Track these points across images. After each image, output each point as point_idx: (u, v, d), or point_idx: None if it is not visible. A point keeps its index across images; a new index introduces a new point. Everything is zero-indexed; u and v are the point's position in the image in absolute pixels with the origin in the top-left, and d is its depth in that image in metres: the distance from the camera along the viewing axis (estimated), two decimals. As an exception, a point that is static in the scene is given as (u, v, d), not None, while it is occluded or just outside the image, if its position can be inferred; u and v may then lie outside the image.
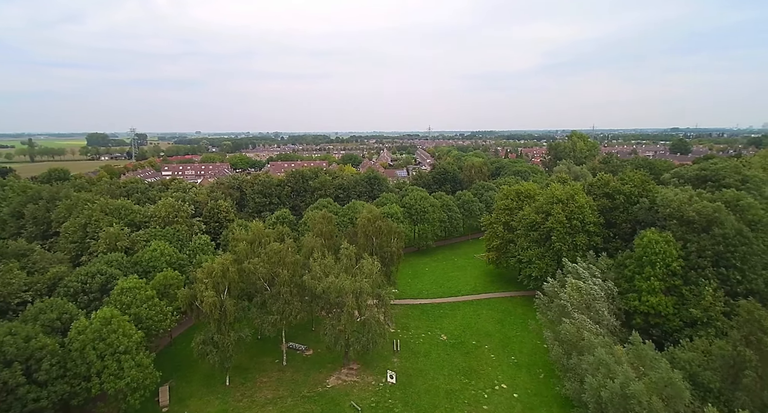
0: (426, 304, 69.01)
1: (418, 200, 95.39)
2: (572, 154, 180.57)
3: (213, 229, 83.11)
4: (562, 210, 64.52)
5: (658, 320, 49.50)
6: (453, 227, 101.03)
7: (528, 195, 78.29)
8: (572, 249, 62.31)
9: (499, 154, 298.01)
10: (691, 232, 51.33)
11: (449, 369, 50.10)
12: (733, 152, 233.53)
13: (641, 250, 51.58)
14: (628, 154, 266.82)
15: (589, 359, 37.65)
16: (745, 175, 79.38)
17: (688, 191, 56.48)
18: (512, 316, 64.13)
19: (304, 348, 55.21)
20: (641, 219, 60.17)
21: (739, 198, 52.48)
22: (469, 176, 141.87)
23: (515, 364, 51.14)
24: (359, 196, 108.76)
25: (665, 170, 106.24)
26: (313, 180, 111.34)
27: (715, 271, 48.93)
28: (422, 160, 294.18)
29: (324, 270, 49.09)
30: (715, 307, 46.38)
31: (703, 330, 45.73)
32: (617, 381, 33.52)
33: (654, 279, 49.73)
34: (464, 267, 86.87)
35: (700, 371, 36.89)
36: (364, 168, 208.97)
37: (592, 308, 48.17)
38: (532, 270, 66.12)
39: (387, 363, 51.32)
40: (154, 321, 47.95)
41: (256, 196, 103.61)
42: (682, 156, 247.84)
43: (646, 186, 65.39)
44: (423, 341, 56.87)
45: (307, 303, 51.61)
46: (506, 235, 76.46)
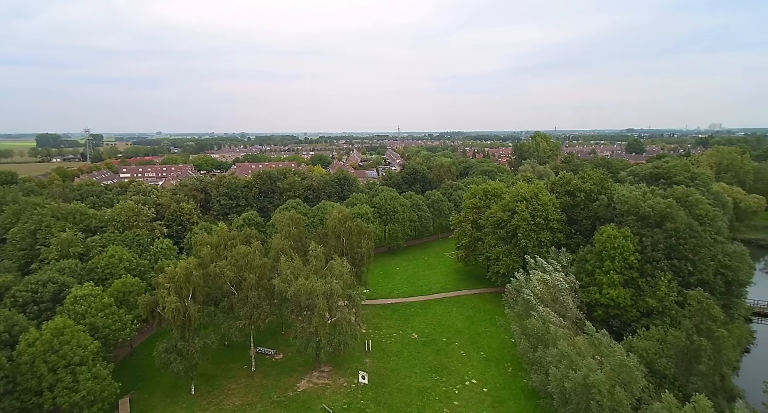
0: (397, 304, 69.23)
1: (388, 200, 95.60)
2: (536, 154, 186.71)
3: (176, 233, 79.96)
4: (526, 207, 66.44)
5: (617, 311, 51.94)
6: (423, 226, 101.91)
7: (495, 194, 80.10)
8: (537, 245, 64.28)
9: (467, 155, 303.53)
10: (646, 227, 54.18)
11: (421, 367, 50.44)
12: (683, 151, 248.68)
13: (601, 245, 53.97)
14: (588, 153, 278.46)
15: (552, 351, 38.93)
16: (693, 172, 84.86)
17: (643, 188, 59.59)
18: (481, 313, 65.36)
19: (274, 353, 54.04)
20: (600, 215, 62.91)
21: (689, 194, 55.89)
22: (438, 176, 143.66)
23: (485, 359, 52.14)
24: (329, 197, 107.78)
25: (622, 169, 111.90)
26: (281, 181, 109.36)
27: (668, 263, 51.86)
28: (392, 161, 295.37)
29: (294, 273, 48.24)
30: (669, 298, 49.16)
31: (659, 320, 48.38)
32: (580, 372, 34.82)
33: (613, 273, 52.14)
34: (435, 266, 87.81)
35: (656, 359, 38.96)
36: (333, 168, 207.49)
37: (558, 301, 49.89)
38: (499, 267, 67.68)
39: (359, 363, 51.03)
40: (111, 331, 45.54)
41: (222, 198, 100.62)
42: (637, 155, 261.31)
43: (605, 184, 68.42)
44: (395, 340, 56.98)
45: (276, 307, 50.55)
46: (475, 233, 77.95)
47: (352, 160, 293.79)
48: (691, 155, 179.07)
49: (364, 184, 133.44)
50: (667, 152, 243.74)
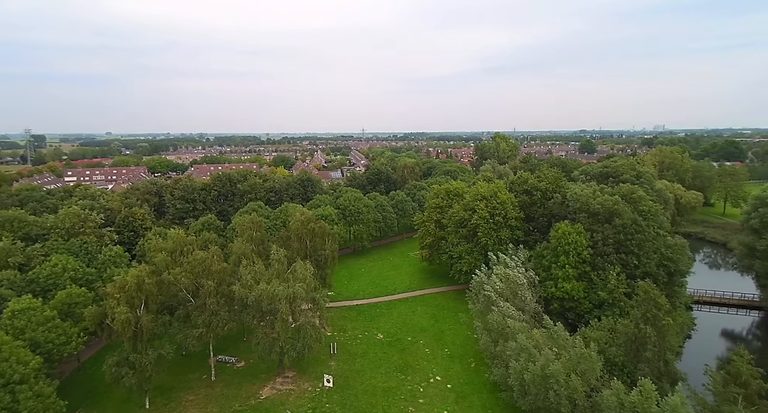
0: (363, 305, 69.07)
1: (352, 201, 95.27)
2: (496, 154, 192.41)
3: (128, 239, 75.81)
4: (486, 206, 68.27)
5: (572, 304, 54.40)
6: (388, 227, 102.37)
7: (457, 193, 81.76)
8: (497, 243, 66.16)
9: (431, 155, 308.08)
10: (597, 223, 57.11)
11: (386, 367, 50.56)
12: (630, 151, 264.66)
13: (556, 241, 56.37)
14: (545, 153, 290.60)
15: (512, 345, 40.16)
16: (639, 171, 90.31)
17: (593, 187, 62.76)
18: (445, 310, 66.44)
19: (235, 360, 52.35)
20: (555, 213, 65.71)
21: (633, 191, 59.43)
22: (402, 176, 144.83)
23: (448, 356, 53.02)
24: (292, 199, 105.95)
25: (575, 168, 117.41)
26: (242, 183, 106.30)
27: (617, 257, 54.91)
28: (357, 161, 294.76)
29: (255, 278, 46.94)
30: (619, 289, 52.02)
31: (610, 311, 51.06)
32: (538, 364, 36.14)
33: (568, 267, 54.60)
34: (400, 266, 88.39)
35: (607, 348, 41.04)
36: (297, 170, 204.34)
37: (518, 296, 51.52)
38: (462, 265, 69.11)
39: (324, 367, 50.43)
40: (55, 345, 42.49)
41: (178, 202, 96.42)
42: (588, 155, 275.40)
43: (559, 183, 71.51)
44: (360, 342, 56.79)
45: (236, 313, 48.92)
46: (438, 233, 79.21)
47: (316, 161, 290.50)
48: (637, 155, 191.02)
49: (329, 185, 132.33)
50: (616, 152, 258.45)
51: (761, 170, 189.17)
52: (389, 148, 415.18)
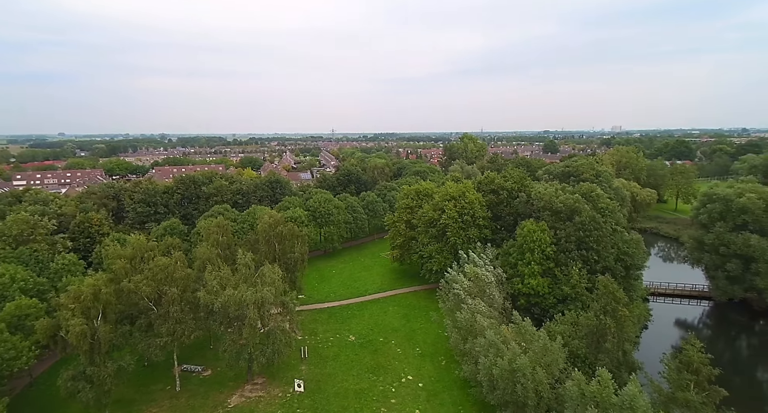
0: (334, 307, 68.55)
1: (322, 203, 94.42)
2: (464, 155, 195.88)
3: (83, 246, 71.87)
4: (454, 206, 69.41)
5: (537, 299, 56.17)
6: (359, 228, 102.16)
7: (426, 194, 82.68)
8: (466, 242, 67.35)
9: (401, 155, 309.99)
10: (559, 221, 59.26)
11: (358, 369, 50.39)
12: (590, 151, 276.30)
13: (522, 239, 58.08)
14: (511, 153, 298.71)
15: (481, 341, 40.98)
16: (598, 170, 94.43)
17: (555, 186, 65.12)
18: (417, 310, 66.99)
19: (201, 369, 50.65)
20: (521, 211, 67.67)
21: (592, 189, 62.11)
22: (372, 177, 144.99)
23: (420, 355, 53.49)
24: (260, 201, 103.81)
25: (539, 168, 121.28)
26: (207, 185, 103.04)
27: (579, 253, 57.16)
28: (327, 162, 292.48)
29: (221, 283, 45.63)
30: (580, 284, 54.18)
31: (572, 305, 53.10)
32: (506, 358, 37.06)
33: (533, 264, 56.36)
34: (371, 267, 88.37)
35: (570, 340, 42.65)
36: (265, 171, 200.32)
37: (486, 293, 52.64)
38: (432, 265, 69.92)
39: (295, 372, 49.68)
40: (4, 360, 39.75)
41: (138, 206, 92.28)
42: (552, 155, 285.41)
43: (524, 182, 73.68)
44: (332, 344, 56.33)
45: (202, 320, 47.42)
46: (408, 233, 79.80)
47: (285, 162, 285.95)
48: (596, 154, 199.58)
49: (298, 187, 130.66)
50: (577, 152, 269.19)
51: (709, 168, 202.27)
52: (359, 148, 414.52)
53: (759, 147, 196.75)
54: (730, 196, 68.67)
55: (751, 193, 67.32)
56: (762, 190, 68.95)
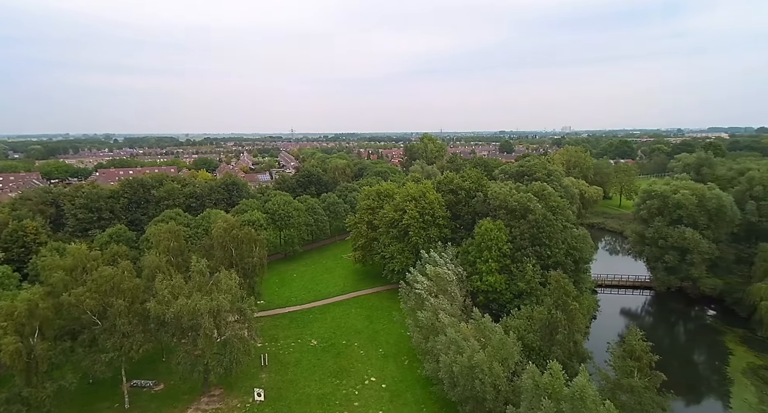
0: (295, 311, 67.28)
1: (282, 205, 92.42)
2: (424, 155, 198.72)
3: (17, 257, 66.11)
4: (415, 206, 70.25)
5: (495, 296, 57.95)
6: (320, 230, 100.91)
7: (387, 194, 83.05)
8: (427, 241, 68.33)
9: (362, 156, 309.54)
10: (514, 219, 61.49)
11: (320, 373, 49.75)
12: (542, 151, 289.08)
13: (480, 237, 59.72)
14: (469, 153, 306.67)
15: (442, 339, 41.70)
16: (549, 169, 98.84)
17: (510, 185, 67.48)
18: (379, 310, 67.13)
19: (153, 384, 48.00)
20: (479, 210, 69.58)
21: (543, 188, 64.94)
22: (333, 178, 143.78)
23: (383, 356, 53.64)
24: (215, 204, 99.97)
25: (496, 167, 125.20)
26: (157, 189, 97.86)
27: (532, 250, 59.57)
28: (286, 163, 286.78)
29: (173, 292, 43.47)
30: (534, 279, 56.47)
31: (528, 300, 55.26)
32: (465, 355, 37.92)
33: (491, 261, 58.07)
34: (333, 269, 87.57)
35: (526, 334, 44.36)
36: (221, 173, 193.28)
37: (447, 292, 53.63)
38: (394, 265, 70.34)
39: (254, 380, 48.25)
40: None
41: (80, 212, 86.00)
42: (507, 154, 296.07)
43: (481, 182, 75.81)
44: (293, 350, 55.23)
45: (153, 333, 44.86)
46: (370, 234, 79.81)
47: (242, 163, 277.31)
48: (548, 154, 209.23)
49: (256, 189, 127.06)
50: (530, 152, 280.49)
51: (648, 166, 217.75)
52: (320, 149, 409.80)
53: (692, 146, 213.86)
54: (667, 192, 74.16)
55: (685, 189, 73.05)
56: (694, 186, 74.97)
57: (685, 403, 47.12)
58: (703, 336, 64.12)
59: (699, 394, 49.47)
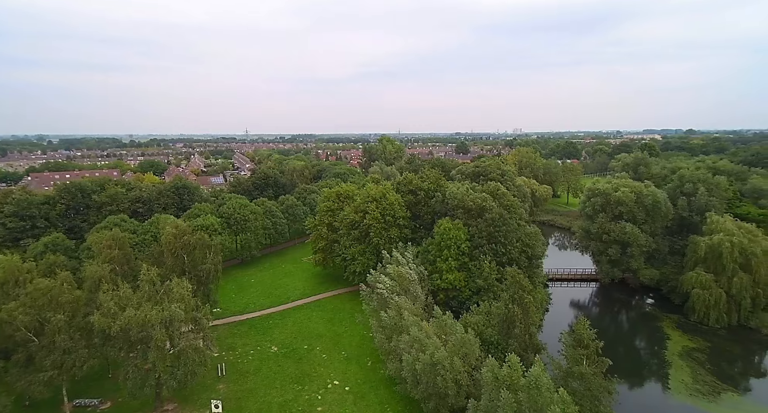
0: (254, 318, 65.25)
1: (237, 208, 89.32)
2: (383, 156, 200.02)
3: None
4: (376, 208, 70.52)
5: (455, 293, 59.39)
6: (278, 233, 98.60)
7: (347, 195, 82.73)
8: (388, 242, 68.80)
9: (321, 157, 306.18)
10: (471, 218, 63.34)
11: (281, 380, 48.57)
12: (496, 152, 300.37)
13: (439, 237, 60.96)
14: (427, 154, 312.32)
15: (405, 338, 42.12)
16: (503, 169, 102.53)
17: (466, 185, 69.46)
18: (342, 313, 66.64)
19: (98, 402, 44.67)
20: (437, 210, 71.01)
21: (498, 188, 67.44)
22: (291, 180, 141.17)
23: (346, 359, 53.28)
24: (165, 209, 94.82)
25: (453, 168, 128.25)
26: (98, 193, 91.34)
27: (489, 247, 61.64)
28: (241, 165, 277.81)
29: (119, 304, 40.76)
30: (492, 276, 58.45)
31: (486, 296, 57.05)
32: (428, 353, 38.53)
33: (450, 260, 59.44)
34: (293, 273, 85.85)
35: (485, 329, 45.81)
36: (170, 176, 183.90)
37: (409, 291, 54.19)
38: (356, 266, 70.16)
39: (211, 392, 46.22)
40: None
41: (9, 220, 78.43)
42: (463, 156, 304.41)
43: (440, 182, 77.39)
44: (252, 358, 53.51)
45: (98, 348, 41.85)
46: (330, 236, 79.09)
47: (194, 166, 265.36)
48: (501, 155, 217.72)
49: (209, 192, 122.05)
50: (485, 152, 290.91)
51: (592, 166, 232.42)
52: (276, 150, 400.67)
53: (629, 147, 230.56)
54: (609, 190, 79.39)
55: (625, 187, 78.53)
56: (633, 184, 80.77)
57: (628, 386, 50.59)
58: (643, 323, 69.25)
59: (641, 377, 53.29)
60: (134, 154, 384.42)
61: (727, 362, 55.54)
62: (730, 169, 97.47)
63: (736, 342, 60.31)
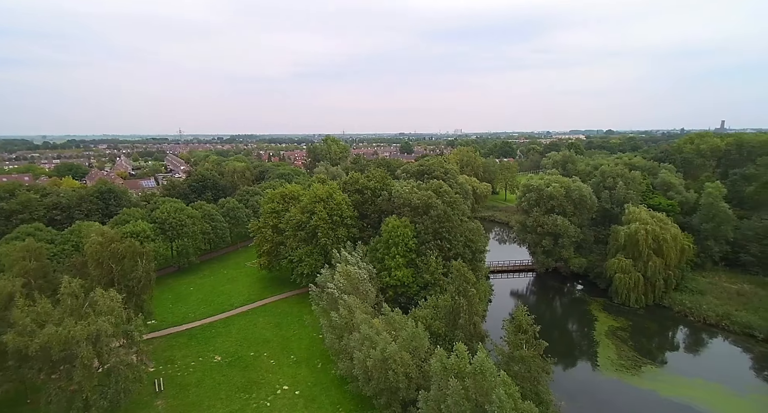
0: (194, 328, 61.64)
1: (172, 213, 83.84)
2: (328, 156, 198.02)
3: None
4: (324, 208, 69.64)
5: (403, 289, 60.38)
6: (219, 238, 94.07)
7: (293, 196, 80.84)
8: (335, 242, 68.23)
9: (263, 158, 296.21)
10: (417, 215, 64.74)
11: (227, 390, 46.35)
12: (439, 151, 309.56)
13: (387, 235, 61.61)
14: (372, 154, 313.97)
15: (356, 336, 42.11)
16: (446, 168, 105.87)
17: (411, 183, 70.88)
18: (289, 316, 65.03)
19: (14, 433, 39.86)
20: (384, 209, 71.68)
21: (441, 186, 69.57)
22: (232, 182, 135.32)
23: (295, 362, 52.06)
24: (87, 216, 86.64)
25: (398, 167, 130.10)
26: (7, 200, 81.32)
27: (435, 243, 63.38)
28: (175, 168, 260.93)
29: (37, 320, 36.70)
30: (438, 271, 60.19)
31: (432, 290, 58.64)
32: (378, 349, 38.82)
33: (398, 257, 60.33)
34: (236, 279, 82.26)
35: (432, 322, 47.09)
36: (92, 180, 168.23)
37: (359, 290, 54.14)
38: (303, 268, 68.78)
39: (148, 409, 42.98)
40: None
41: None
42: (408, 155, 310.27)
43: (386, 181, 78.18)
44: (194, 370, 50.49)
45: (12, 370, 37.40)
46: (276, 238, 76.82)
47: (120, 169, 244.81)
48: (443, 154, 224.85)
49: (140, 197, 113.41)
50: (428, 152, 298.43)
51: (526, 164, 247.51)
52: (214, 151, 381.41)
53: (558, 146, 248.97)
54: (541, 186, 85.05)
55: (555, 183, 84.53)
56: (563, 180, 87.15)
57: (563, 366, 54.55)
58: (574, 307, 75.05)
59: (573, 357, 57.74)
60: (49, 157, 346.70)
61: (646, 338, 61.83)
62: (643, 164, 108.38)
63: (653, 320, 67.32)
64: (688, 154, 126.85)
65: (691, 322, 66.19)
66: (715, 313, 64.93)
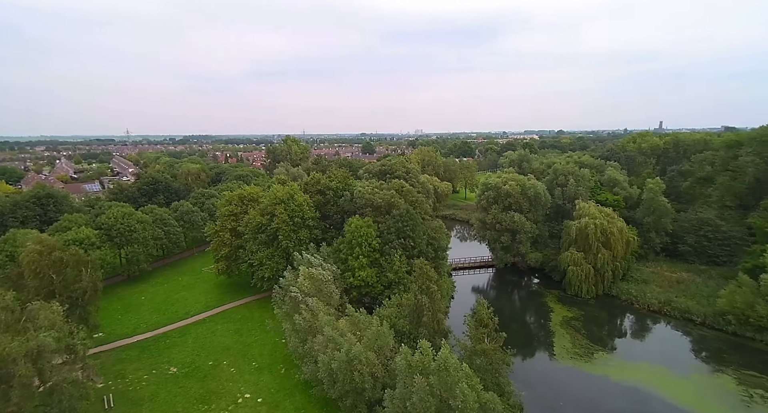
0: (147, 339, 58.30)
1: (120, 218, 78.89)
2: (288, 157, 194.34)
3: None
4: (285, 209, 68.07)
5: (367, 289, 60.16)
6: (173, 243, 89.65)
7: (252, 198, 78.44)
8: (297, 244, 66.92)
9: (219, 159, 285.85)
10: (380, 215, 64.81)
11: (184, 403, 44.15)
12: (400, 152, 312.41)
13: (350, 235, 61.16)
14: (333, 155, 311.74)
15: (320, 339, 41.45)
16: (408, 168, 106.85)
17: (373, 183, 70.88)
18: (250, 322, 63.06)
19: (-62, 466, 35.83)
20: (347, 209, 71.14)
21: (403, 186, 70.16)
22: (186, 184, 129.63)
23: (257, 369, 50.50)
24: (23, 223, 79.81)
25: (360, 167, 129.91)
26: (-75, 208, 73.18)
27: (398, 242, 63.61)
28: (122, 170, 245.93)
29: (-38, 339, 33.14)
30: (402, 269, 60.44)
31: (396, 289, 58.85)
32: (343, 350, 38.42)
33: (361, 257, 60.02)
34: (192, 285, 78.69)
35: (397, 321, 47.27)
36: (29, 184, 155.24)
37: (323, 291, 53.30)
38: (264, 272, 66.87)
39: (97, 428, 40.19)
40: None
41: None
42: (370, 155, 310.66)
43: (348, 181, 77.61)
44: (147, 383, 47.71)
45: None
46: (234, 242, 74.28)
47: (60, 172, 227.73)
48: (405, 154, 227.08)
49: (83, 201, 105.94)
50: (390, 152, 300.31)
51: (484, 163, 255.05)
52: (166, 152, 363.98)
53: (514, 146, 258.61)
54: (499, 184, 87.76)
55: (512, 181, 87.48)
56: (519, 178, 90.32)
57: (522, 357, 56.57)
58: (531, 300, 78.10)
59: (532, 347, 60.03)
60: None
61: (597, 326, 65.41)
62: (591, 162, 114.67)
63: (603, 309, 71.34)
64: (631, 152, 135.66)
65: (636, 310, 70.71)
66: (658, 300, 69.78)
